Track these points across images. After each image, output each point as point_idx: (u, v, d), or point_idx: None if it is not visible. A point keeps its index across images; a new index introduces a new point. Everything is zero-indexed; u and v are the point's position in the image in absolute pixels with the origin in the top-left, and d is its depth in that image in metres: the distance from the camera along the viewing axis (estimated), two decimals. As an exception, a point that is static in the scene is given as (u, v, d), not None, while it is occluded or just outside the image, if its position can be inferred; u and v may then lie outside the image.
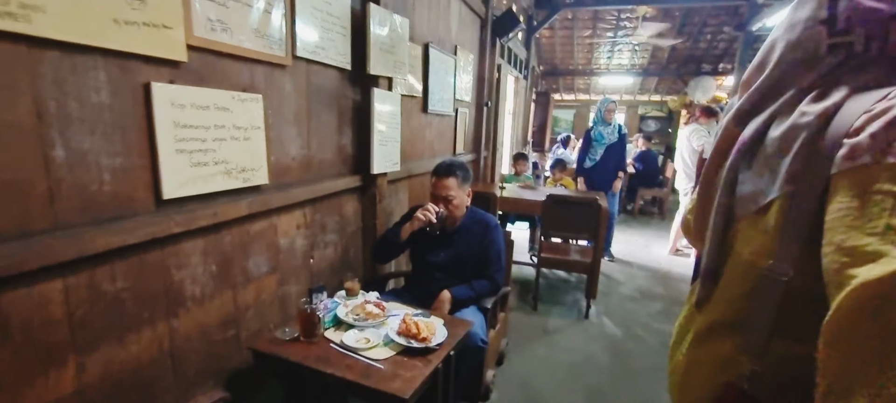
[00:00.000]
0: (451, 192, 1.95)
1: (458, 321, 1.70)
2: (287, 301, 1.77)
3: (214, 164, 1.32)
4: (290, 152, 1.68)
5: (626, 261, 4.43)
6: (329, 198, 1.97)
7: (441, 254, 2.00)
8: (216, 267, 1.40)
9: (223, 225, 1.40)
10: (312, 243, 1.89)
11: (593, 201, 2.95)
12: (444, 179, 1.95)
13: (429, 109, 2.93)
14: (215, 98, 1.30)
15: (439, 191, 1.95)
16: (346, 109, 2.04)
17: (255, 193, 1.50)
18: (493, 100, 4.62)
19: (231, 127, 1.37)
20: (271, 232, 1.63)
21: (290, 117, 1.66)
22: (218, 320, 1.44)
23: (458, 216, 2.00)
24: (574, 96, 10.72)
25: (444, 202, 1.94)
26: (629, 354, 2.68)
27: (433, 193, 1.98)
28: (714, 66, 7.80)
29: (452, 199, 1.95)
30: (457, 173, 1.97)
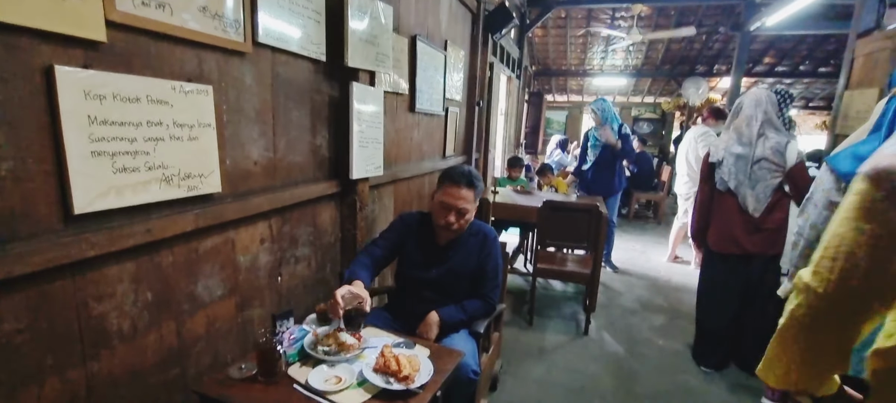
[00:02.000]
0: (466, 205, 1.66)
1: (446, 351, 1.46)
2: (249, 327, 1.52)
3: (148, 170, 1.08)
4: (250, 155, 1.44)
5: (624, 270, 4.24)
6: (301, 206, 1.73)
7: (432, 271, 1.75)
8: (152, 295, 1.15)
9: (161, 243, 1.15)
10: (280, 259, 1.65)
11: (593, 208, 2.74)
12: (461, 189, 1.65)
13: (416, 108, 2.70)
14: (149, 88, 1.06)
15: (452, 201, 1.65)
16: (321, 106, 1.80)
17: (204, 204, 1.26)
18: (485, 100, 4.41)
19: (171, 124, 1.12)
20: (227, 248, 1.39)
21: (251, 114, 1.42)
22: (156, 359, 1.19)
23: (462, 231, 1.73)
24: (567, 97, 10.56)
25: (455, 214, 1.67)
26: (633, 375, 2.47)
27: (442, 201, 1.67)
28: (709, 67, 7.68)
29: (465, 213, 1.67)
30: (475, 184, 1.69)
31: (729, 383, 2.43)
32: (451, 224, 1.66)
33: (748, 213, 2.31)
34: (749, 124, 2.29)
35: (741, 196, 2.32)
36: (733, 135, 2.35)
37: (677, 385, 2.40)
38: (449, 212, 1.66)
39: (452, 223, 1.66)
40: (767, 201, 2.27)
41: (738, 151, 2.31)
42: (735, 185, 2.33)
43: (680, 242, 4.58)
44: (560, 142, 7.42)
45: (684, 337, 2.94)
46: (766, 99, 2.29)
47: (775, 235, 2.29)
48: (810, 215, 1.37)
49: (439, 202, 1.69)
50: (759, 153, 2.26)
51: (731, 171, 2.33)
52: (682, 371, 2.54)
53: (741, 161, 2.30)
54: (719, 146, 2.42)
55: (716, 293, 2.52)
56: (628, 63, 8.09)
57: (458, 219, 1.66)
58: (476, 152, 4.40)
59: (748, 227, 2.32)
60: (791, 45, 6.80)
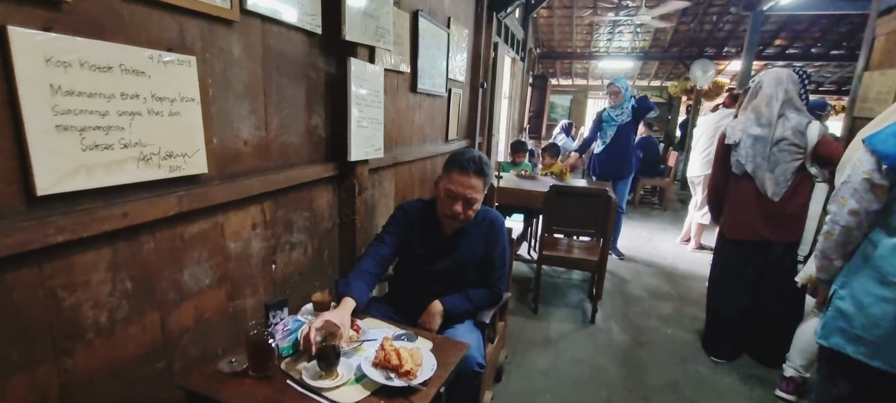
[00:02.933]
0: (474, 194, 1.53)
1: (450, 343, 1.38)
2: (241, 318, 1.44)
3: (123, 147, 0.98)
4: (240, 133, 1.34)
5: (629, 257, 4.15)
6: (296, 189, 1.63)
7: (438, 263, 1.64)
8: (132, 285, 1.06)
9: (141, 228, 1.05)
10: (274, 245, 1.56)
11: (602, 193, 2.64)
12: (469, 176, 1.52)
13: (418, 88, 2.58)
14: (122, 57, 0.95)
15: (460, 190, 1.52)
16: (318, 83, 1.69)
17: (188, 186, 1.16)
18: (489, 82, 4.28)
19: (149, 97, 1.02)
20: (216, 234, 1.30)
21: (240, 89, 1.31)
22: (138, 352, 1.10)
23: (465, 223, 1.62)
24: (571, 81, 10.38)
25: (462, 204, 1.55)
26: (641, 366, 2.39)
27: (448, 190, 1.54)
28: (718, 49, 7.49)
29: (473, 203, 1.55)
30: (486, 172, 1.56)
31: (741, 373, 2.36)
32: (459, 214, 1.54)
33: (766, 198, 2.21)
34: (769, 104, 2.17)
35: (759, 179, 2.21)
36: (751, 115, 2.24)
37: (687, 376, 2.32)
38: (456, 202, 1.54)
39: (459, 213, 1.54)
40: (787, 184, 2.17)
41: (756, 132, 2.20)
42: (752, 168, 2.22)
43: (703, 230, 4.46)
44: (564, 126, 7.27)
45: (693, 326, 2.86)
46: (788, 77, 2.18)
47: (795, 221, 2.19)
48: (848, 201, 1.27)
49: (445, 190, 1.56)
50: (778, 134, 2.15)
51: (748, 154, 2.23)
52: (692, 361, 2.46)
53: (759, 142, 2.19)
54: (736, 127, 2.30)
55: (729, 281, 2.43)
56: (635, 45, 7.90)
57: (466, 209, 1.55)
58: (479, 136, 4.28)
59: (766, 213, 2.22)
60: (803, 26, 6.61)
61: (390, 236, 1.65)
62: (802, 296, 2.27)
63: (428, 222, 1.68)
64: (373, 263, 1.57)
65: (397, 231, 1.67)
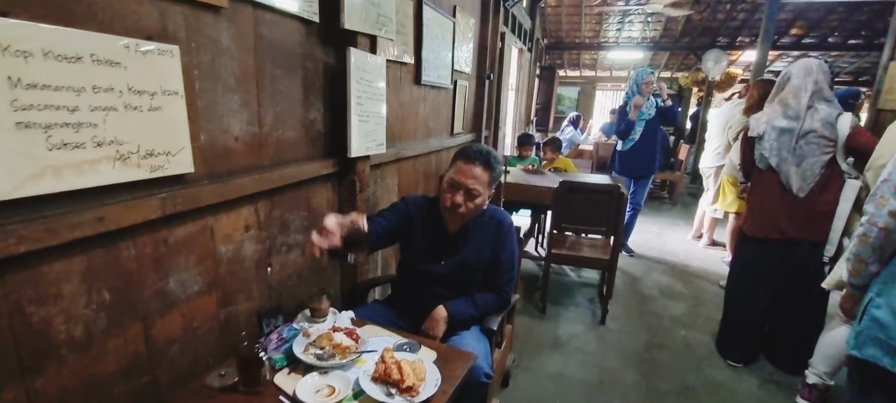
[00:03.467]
0: (477, 186, 1.46)
1: (455, 353, 1.29)
2: (234, 325, 1.36)
3: (96, 146, 0.89)
4: (231, 129, 1.25)
5: (640, 254, 4.04)
6: (293, 188, 1.54)
7: (441, 262, 1.56)
8: (111, 295, 0.98)
9: (119, 234, 0.97)
10: (269, 247, 1.47)
11: (614, 189, 2.53)
12: (474, 166, 1.46)
13: (422, 80, 2.47)
14: (94, 45, 0.86)
15: (462, 179, 1.46)
16: (315, 75, 1.59)
17: (173, 186, 1.07)
18: (495, 73, 4.16)
19: (125, 90, 0.93)
20: (205, 237, 1.21)
21: (230, 81, 1.22)
22: (119, 367, 1.02)
23: (470, 217, 1.53)
24: (579, 72, 10.19)
25: (463, 194, 1.47)
26: (654, 369, 2.30)
27: (451, 179, 1.49)
28: (731, 39, 7.28)
29: (475, 196, 1.47)
30: (492, 166, 1.49)
31: (759, 378, 2.26)
32: (458, 205, 1.46)
33: (791, 194, 2.09)
34: (797, 95, 2.06)
35: (784, 174, 2.10)
36: (778, 107, 2.13)
37: (703, 380, 2.22)
38: (457, 191, 1.46)
39: (459, 204, 1.46)
40: (815, 180, 2.05)
41: (782, 125, 2.09)
42: (777, 162, 2.11)
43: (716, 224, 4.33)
44: (572, 118, 7.14)
45: (708, 327, 2.75)
46: (818, 68, 2.06)
47: (823, 220, 2.06)
48: (889, 200, 1.16)
49: (448, 180, 1.49)
50: (807, 126, 2.04)
51: (773, 147, 2.11)
52: (708, 365, 2.36)
53: (785, 135, 2.08)
54: (761, 119, 2.18)
55: (749, 281, 2.32)
56: (646, 35, 7.70)
57: (467, 201, 1.46)
58: (486, 129, 4.16)
59: (791, 210, 2.11)
60: (821, 14, 6.39)
61: (383, 220, 1.56)
62: (826, 300, 2.16)
63: (431, 219, 1.59)
64: None
65: (393, 218, 1.58)
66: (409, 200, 1.64)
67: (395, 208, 1.62)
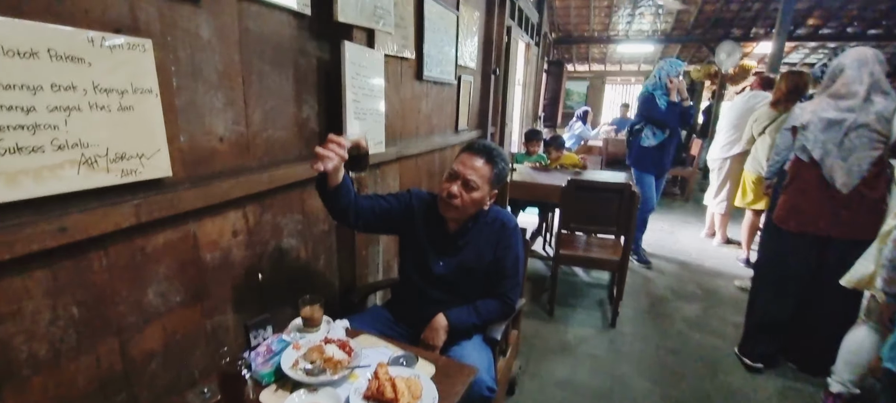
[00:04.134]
0: (475, 178, 1.39)
1: (455, 367, 1.21)
2: (222, 335, 1.29)
3: (57, 150, 0.81)
4: (214, 129, 1.17)
5: (651, 252, 3.91)
6: (285, 190, 1.46)
7: (440, 263, 1.48)
8: (80, 310, 0.91)
9: (87, 244, 0.90)
10: (260, 253, 1.40)
11: (625, 187, 2.42)
12: (474, 158, 1.41)
13: (424, 76, 2.38)
14: (52, 39, 0.79)
15: (460, 169, 1.40)
16: (308, 71, 1.51)
17: (148, 192, 1.00)
18: (501, 68, 4.05)
19: (90, 89, 0.85)
20: (187, 245, 1.14)
21: (212, 78, 1.14)
22: (90, 386, 0.95)
23: (464, 214, 1.44)
24: (588, 67, 10.02)
25: (460, 185, 1.39)
26: (668, 376, 2.20)
27: (452, 169, 1.43)
28: (746, 30, 7.07)
29: (472, 188, 1.39)
30: (495, 161, 1.42)
31: (779, 386, 2.15)
32: (454, 195, 1.38)
33: (834, 189, 1.98)
34: (851, 87, 1.94)
35: (827, 167, 1.99)
36: (828, 99, 2.02)
37: (719, 388, 2.12)
38: (454, 182, 1.39)
39: (455, 195, 1.38)
40: (861, 176, 1.93)
41: (830, 116, 1.97)
42: (820, 155, 2.00)
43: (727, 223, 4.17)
44: (581, 114, 7.00)
45: (723, 330, 2.64)
46: (874, 57, 1.94)
47: (866, 218, 1.94)
48: None
49: (449, 171, 1.43)
50: (861, 119, 1.92)
51: (817, 139, 2.00)
52: (724, 371, 2.25)
53: (833, 128, 1.96)
54: (806, 108, 2.08)
55: (779, 276, 2.22)
56: (657, 28, 7.53)
57: (463, 192, 1.39)
58: (491, 126, 4.07)
59: (832, 206, 2.00)
60: (839, 3, 6.17)
61: (382, 201, 1.49)
62: (858, 302, 2.04)
63: (432, 217, 1.50)
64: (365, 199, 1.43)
65: (395, 204, 1.50)
66: (413, 193, 1.56)
67: (398, 196, 1.55)
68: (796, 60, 8.26)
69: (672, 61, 3.40)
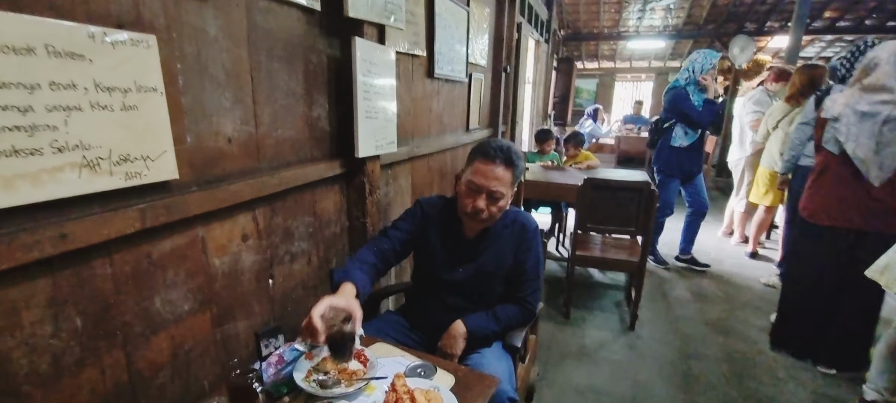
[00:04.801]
0: (500, 187, 1.29)
1: (476, 377, 1.14)
2: (233, 343, 1.24)
3: (56, 152, 0.77)
4: (222, 129, 1.12)
5: (666, 253, 3.81)
6: (296, 192, 1.41)
7: (459, 271, 1.41)
8: (83, 321, 0.86)
9: (91, 251, 0.85)
10: (271, 258, 1.35)
11: (644, 186, 2.34)
12: (495, 165, 1.28)
13: (435, 74, 2.33)
14: (49, 34, 0.74)
15: (483, 182, 1.28)
16: (318, 69, 1.46)
17: (154, 195, 0.95)
18: (512, 66, 3.98)
19: (91, 87, 0.81)
20: (195, 251, 1.09)
21: (220, 76, 1.09)
22: (96, 400, 0.90)
23: (493, 221, 1.37)
24: (597, 64, 9.90)
25: (485, 199, 1.29)
26: (692, 382, 2.11)
27: (470, 182, 1.31)
28: (760, 24, 6.93)
29: (498, 198, 1.30)
30: (515, 163, 1.31)
31: (809, 392, 2.05)
32: (480, 211, 1.29)
33: (866, 182, 1.95)
34: (887, 81, 1.89)
35: (859, 160, 1.95)
36: (862, 92, 1.97)
37: (748, 396, 2.03)
38: (478, 196, 1.29)
39: (481, 209, 1.29)
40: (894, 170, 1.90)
41: (864, 109, 1.93)
42: (853, 148, 1.96)
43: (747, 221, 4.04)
44: (591, 112, 6.90)
45: (746, 333, 2.55)
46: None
47: None
48: None
49: (467, 182, 1.32)
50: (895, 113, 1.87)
51: (850, 131, 1.97)
52: (751, 377, 2.16)
53: (867, 120, 1.92)
54: (837, 100, 2.04)
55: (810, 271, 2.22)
56: (668, 23, 7.41)
57: (490, 205, 1.30)
58: (502, 125, 4.00)
59: (865, 199, 1.97)
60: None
61: (397, 232, 1.42)
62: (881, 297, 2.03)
63: (447, 223, 1.44)
64: (370, 254, 1.34)
65: (409, 228, 1.44)
66: (423, 203, 1.49)
67: (410, 215, 1.48)
68: (812, 54, 8.08)
69: (707, 53, 3.17)
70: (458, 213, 1.38)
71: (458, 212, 1.38)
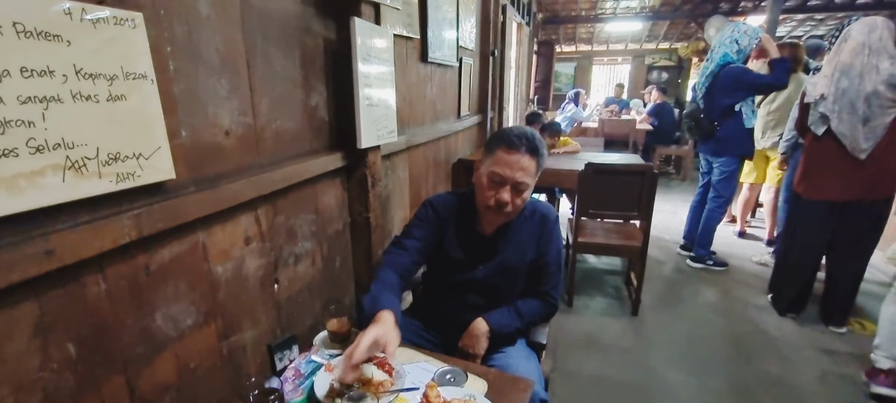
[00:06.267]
0: (526, 178, 1.19)
1: (509, 380, 1.07)
2: (239, 357, 1.13)
3: (33, 152, 0.64)
4: (219, 121, 1.00)
5: (657, 236, 3.82)
6: (298, 188, 1.30)
7: (479, 269, 1.32)
8: (77, 347, 0.75)
9: (80, 267, 0.73)
10: (275, 260, 1.23)
11: (647, 170, 2.31)
12: (520, 155, 1.18)
13: (429, 57, 2.22)
14: (16, 9, 0.61)
15: (508, 173, 1.18)
16: (315, 52, 1.34)
17: (149, 198, 0.83)
18: (499, 49, 3.90)
19: (72, 74, 0.68)
20: (195, 258, 0.97)
21: (214, 60, 0.97)
22: (93, 435, 0.79)
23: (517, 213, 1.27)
24: (575, 47, 9.90)
25: (510, 191, 1.19)
26: (701, 365, 2.10)
27: (493, 173, 1.20)
28: (734, 4, 7.02)
29: (523, 190, 1.20)
30: (540, 151, 1.21)
31: (817, 371, 2.06)
32: (505, 204, 1.19)
33: (852, 157, 2.04)
34: (858, 54, 1.93)
35: (843, 136, 2.04)
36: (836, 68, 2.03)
37: (759, 376, 2.02)
38: (501, 188, 1.19)
39: (506, 202, 1.19)
40: (877, 141, 1.98)
41: (843, 86, 2.00)
42: (836, 124, 2.04)
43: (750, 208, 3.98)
44: (572, 96, 6.88)
45: (746, 313, 2.57)
46: (883, 24, 2.00)
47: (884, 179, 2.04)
48: None
49: (489, 174, 1.21)
50: (869, 87, 1.95)
51: (832, 109, 2.04)
52: (758, 357, 2.17)
53: (846, 96, 2.00)
54: (817, 83, 2.13)
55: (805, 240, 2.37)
56: (645, 4, 7.43)
57: (514, 198, 1.20)
58: (491, 110, 3.93)
59: (852, 173, 2.08)
60: (827, -27, 6.16)
61: (414, 241, 1.31)
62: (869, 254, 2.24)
63: (463, 220, 1.35)
64: (394, 275, 1.24)
65: (424, 235, 1.33)
66: (434, 203, 1.37)
67: (422, 220, 1.35)
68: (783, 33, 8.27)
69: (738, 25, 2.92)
70: (478, 207, 1.29)
71: (478, 206, 1.28)
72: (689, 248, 3.40)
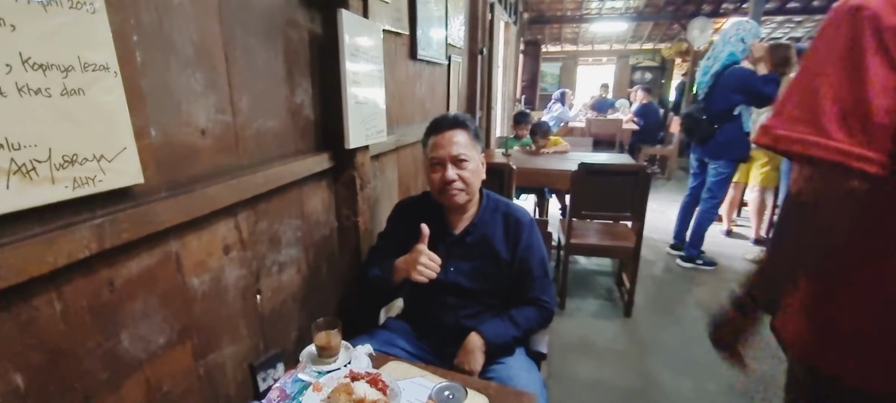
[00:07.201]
0: (462, 150, 1.24)
1: (511, 395, 1.01)
2: (218, 377, 1.03)
3: (-30, 155, 0.55)
4: (194, 119, 0.91)
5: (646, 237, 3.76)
6: (281, 191, 1.21)
7: (451, 267, 1.28)
8: (28, 377, 0.65)
9: (31, 285, 0.63)
10: (257, 270, 1.15)
11: (640, 170, 2.28)
12: (450, 131, 1.26)
13: (418, 55, 2.15)
14: (-51, -11, 0.52)
15: (445, 151, 1.24)
16: (300, 46, 1.26)
17: (114, 205, 0.74)
18: (487, 48, 3.84)
19: (17, 64, 0.59)
20: (168, 270, 0.88)
21: (188, 51, 0.88)
22: (48, 476, 0.69)
23: (473, 192, 1.28)
24: (560, 47, 9.93)
25: (452, 166, 1.23)
26: (697, 367, 2.08)
27: (434, 158, 1.26)
28: (716, 6, 7.11)
29: (465, 160, 1.24)
30: (467, 124, 1.29)
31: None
32: (452, 181, 1.22)
33: None
34: None
35: None
36: None
37: (752, 377, 2.00)
38: (444, 167, 1.23)
39: (453, 179, 1.22)
40: None
41: None
42: None
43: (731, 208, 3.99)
44: (559, 95, 6.88)
45: (738, 312, 2.56)
46: None
47: None
48: None
49: (429, 161, 1.28)
50: None
51: None
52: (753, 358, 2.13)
53: None
54: None
55: None
56: (629, 5, 7.48)
57: (460, 172, 1.23)
58: (479, 109, 3.87)
59: None
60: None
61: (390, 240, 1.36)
62: None
63: (432, 220, 1.28)
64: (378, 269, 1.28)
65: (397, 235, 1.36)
66: (402, 208, 1.44)
67: (392, 223, 1.42)
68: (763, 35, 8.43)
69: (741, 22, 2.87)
70: (438, 201, 1.30)
71: (437, 199, 1.30)
72: (678, 248, 3.40)
